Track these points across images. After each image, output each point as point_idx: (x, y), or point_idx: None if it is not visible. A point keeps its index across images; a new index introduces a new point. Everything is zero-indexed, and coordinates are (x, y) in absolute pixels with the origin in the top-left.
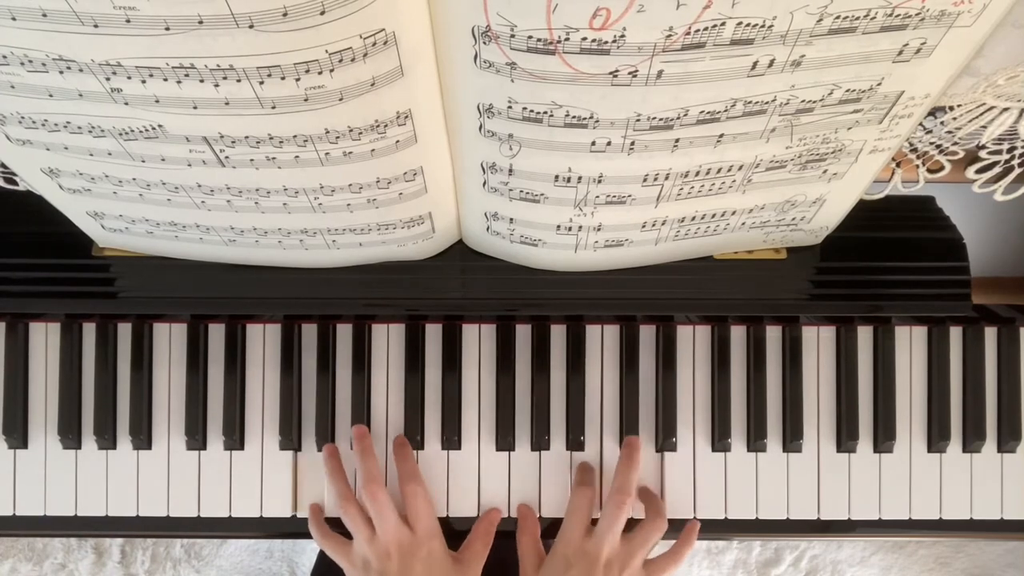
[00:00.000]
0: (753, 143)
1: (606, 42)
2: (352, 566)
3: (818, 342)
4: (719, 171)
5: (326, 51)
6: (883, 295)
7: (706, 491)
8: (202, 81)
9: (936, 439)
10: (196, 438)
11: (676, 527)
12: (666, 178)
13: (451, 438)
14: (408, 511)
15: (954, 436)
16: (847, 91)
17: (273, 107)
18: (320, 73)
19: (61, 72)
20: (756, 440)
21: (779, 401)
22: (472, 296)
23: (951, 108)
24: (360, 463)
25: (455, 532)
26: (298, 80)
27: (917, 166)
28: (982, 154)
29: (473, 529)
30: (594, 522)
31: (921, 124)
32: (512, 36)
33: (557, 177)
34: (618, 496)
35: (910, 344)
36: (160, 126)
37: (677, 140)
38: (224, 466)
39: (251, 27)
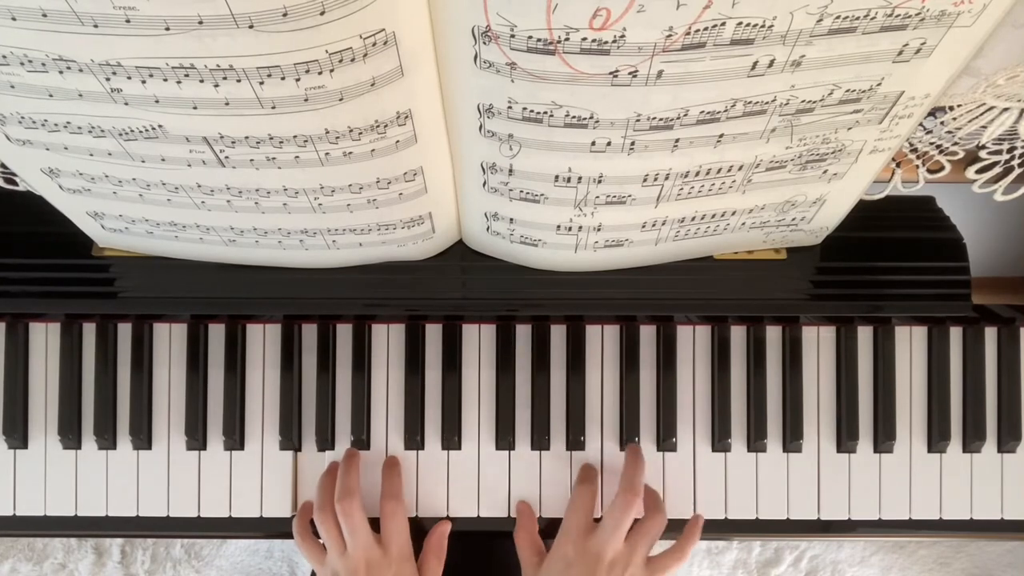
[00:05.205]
0: (753, 143)
1: (606, 42)
2: None
3: (818, 342)
4: (719, 171)
5: (326, 51)
6: (883, 295)
7: (706, 491)
8: (202, 81)
9: (936, 439)
10: (196, 438)
11: (676, 527)
12: (666, 178)
13: (451, 438)
14: (384, 529)
15: (954, 436)
16: (847, 91)
17: (273, 107)
18: (320, 73)
19: (61, 72)
20: (756, 440)
21: (779, 401)
22: (472, 296)
23: (951, 108)
24: (340, 476)
25: (454, 533)
26: (298, 80)
27: (917, 166)
28: (982, 154)
29: (425, 544)
30: (596, 520)
31: (921, 124)
32: (512, 36)
33: (557, 177)
34: (627, 495)
35: (910, 344)
36: (160, 126)
37: (677, 140)
38: (224, 466)
39: (251, 27)
